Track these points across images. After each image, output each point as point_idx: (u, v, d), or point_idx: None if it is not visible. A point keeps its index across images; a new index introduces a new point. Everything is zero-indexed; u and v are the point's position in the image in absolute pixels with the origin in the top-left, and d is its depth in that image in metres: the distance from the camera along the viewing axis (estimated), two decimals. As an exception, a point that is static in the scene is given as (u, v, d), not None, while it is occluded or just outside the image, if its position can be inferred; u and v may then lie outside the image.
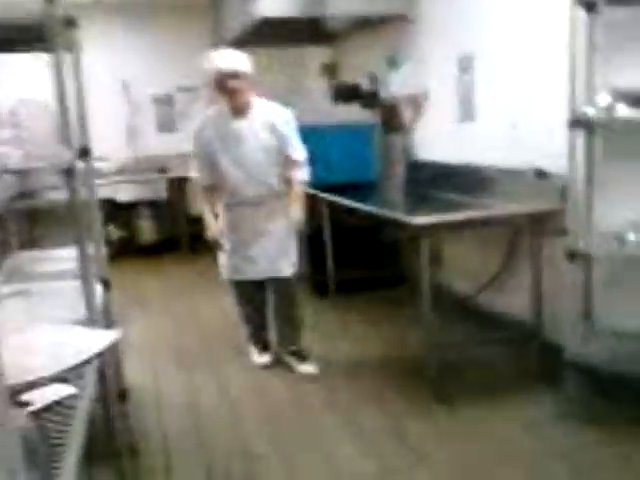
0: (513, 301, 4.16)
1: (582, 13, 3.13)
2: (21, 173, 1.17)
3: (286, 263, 4.00)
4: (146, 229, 7.89)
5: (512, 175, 3.96)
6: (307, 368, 4.04)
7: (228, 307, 4.46)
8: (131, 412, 3.35)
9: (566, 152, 3.16)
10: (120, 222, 7.50)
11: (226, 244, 4.02)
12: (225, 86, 3.73)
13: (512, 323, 4.16)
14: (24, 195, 4.07)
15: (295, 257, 4.05)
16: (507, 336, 4.14)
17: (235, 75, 3.71)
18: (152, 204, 7.83)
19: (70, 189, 1.96)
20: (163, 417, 3.53)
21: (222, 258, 4.09)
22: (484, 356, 3.99)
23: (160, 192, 7.74)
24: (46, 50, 2.39)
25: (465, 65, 4.54)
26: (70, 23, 2.84)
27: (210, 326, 5.02)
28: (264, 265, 3.98)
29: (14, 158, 1.33)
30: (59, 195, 3.44)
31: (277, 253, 3.98)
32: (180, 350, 4.56)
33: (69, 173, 1.91)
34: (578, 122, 3.07)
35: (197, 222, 8.02)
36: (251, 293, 4.17)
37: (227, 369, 4.14)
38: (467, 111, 4.57)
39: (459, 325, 4.41)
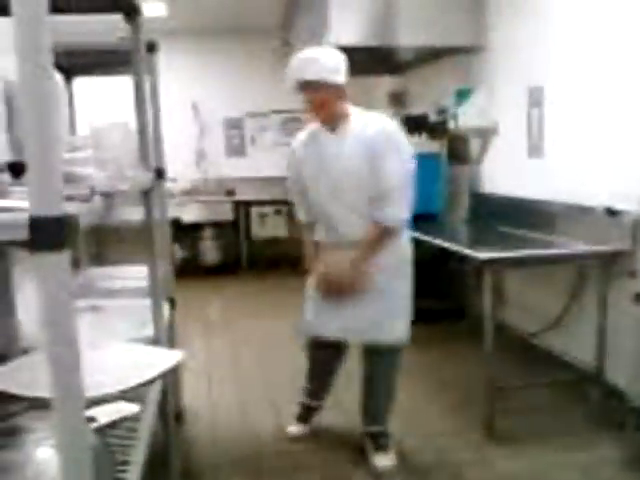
0: (576, 343, 4.07)
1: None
2: (106, 195, 1.21)
3: (391, 325, 3.16)
4: (209, 250, 8.02)
5: (581, 212, 3.89)
6: (384, 461, 3.20)
7: (285, 328, 4.44)
8: (186, 434, 3.38)
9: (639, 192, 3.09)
10: (184, 242, 7.64)
11: (312, 291, 3.28)
12: (306, 97, 3.06)
13: (574, 365, 4.06)
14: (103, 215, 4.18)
15: (406, 319, 3.22)
16: (569, 378, 4.05)
17: (307, 85, 3.01)
18: (216, 225, 7.97)
19: (146, 209, 2.02)
20: (217, 441, 3.54)
21: (306, 306, 3.33)
22: (544, 398, 3.89)
23: (225, 214, 7.88)
24: (129, 73, 2.48)
25: (535, 98, 4.50)
26: (152, 48, 2.95)
27: (267, 347, 5.05)
28: (360, 325, 3.12)
29: (100, 180, 1.37)
30: (131, 214, 3.55)
31: (381, 311, 3.12)
32: (237, 373, 4.58)
33: (147, 194, 1.97)
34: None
35: (258, 245, 8.29)
36: (330, 355, 3.47)
37: (281, 392, 4.14)
38: (536, 145, 4.52)
39: (520, 364, 4.31)
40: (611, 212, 3.61)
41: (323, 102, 3.00)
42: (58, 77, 2.70)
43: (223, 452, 3.39)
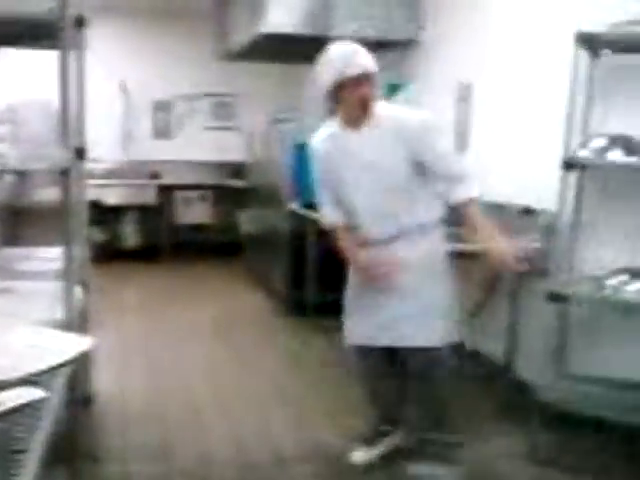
0: (488, 337, 4.18)
1: (585, 56, 3.17)
2: (19, 174, 1.16)
3: (433, 329, 2.88)
4: (130, 234, 7.85)
5: (498, 209, 3.97)
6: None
7: (203, 317, 4.37)
8: (95, 418, 3.31)
9: (555, 191, 3.18)
10: (105, 225, 7.47)
11: (351, 300, 3.11)
12: (352, 93, 2.78)
13: (485, 359, 4.17)
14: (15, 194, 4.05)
15: (450, 321, 2.96)
16: (478, 371, 4.16)
17: (367, 78, 2.80)
18: (139, 209, 7.81)
19: (64, 190, 1.96)
20: (127, 426, 3.47)
21: (346, 317, 3.12)
22: (452, 389, 3.98)
23: (149, 198, 7.73)
24: (54, 48, 2.39)
25: (464, 94, 4.58)
26: (80, 23, 2.84)
27: (183, 336, 5.00)
28: (401, 330, 2.88)
29: (12, 158, 1.33)
30: (47, 194, 3.45)
31: (421, 314, 2.86)
32: (151, 360, 4.51)
33: (64, 174, 1.91)
34: (571, 163, 3.10)
35: (181, 231, 8.18)
36: (381, 366, 3.13)
37: (194, 380, 4.10)
38: (461, 140, 4.61)
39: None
40: (526, 211, 3.71)
41: (373, 97, 2.81)
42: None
43: (132, 437, 3.32)
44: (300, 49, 6.15)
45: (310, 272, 5.37)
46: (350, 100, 2.77)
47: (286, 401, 3.85)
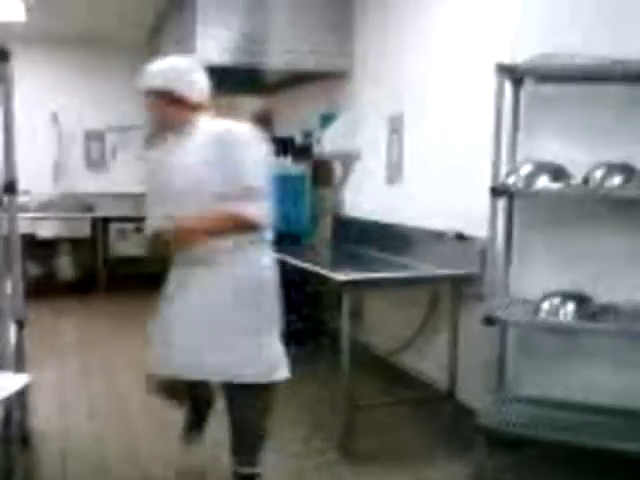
0: (430, 362, 4.23)
1: (508, 85, 3.28)
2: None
3: (238, 363, 2.81)
4: (65, 267, 7.71)
5: (435, 237, 4.06)
6: None
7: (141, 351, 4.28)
8: (33, 457, 3.21)
9: (487, 217, 3.26)
10: (39, 259, 7.30)
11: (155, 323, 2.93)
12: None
13: (428, 384, 4.22)
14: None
15: (259, 357, 2.89)
16: (421, 396, 4.20)
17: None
18: (73, 242, 7.66)
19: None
20: (66, 465, 3.38)
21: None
22: (399, 416, 4.01)
23: (83, 230, 7.59)
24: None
25: (395, 125, 4.66)
26: (3, 57, 2.80)
27: (122, 371, 4.90)
28: (207, 360, 2.78)
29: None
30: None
31: (228, 345, 2.80)
32: (90, 397, 4.41)
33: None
34: (500, 190, 3.19)
35: (116, 263, 8.03)
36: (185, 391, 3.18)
37: (137, 422, 4.02)
38: (395, 171, 4.69)
39: (377, 383, 4.43)
40: (461, 237, 3.80)
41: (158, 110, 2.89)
42: None
43: (71, 477, 3.24)
44: (231, 81, 6.18)
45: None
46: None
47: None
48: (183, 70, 2.89)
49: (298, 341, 5.47)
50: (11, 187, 2.49)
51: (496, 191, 3.19)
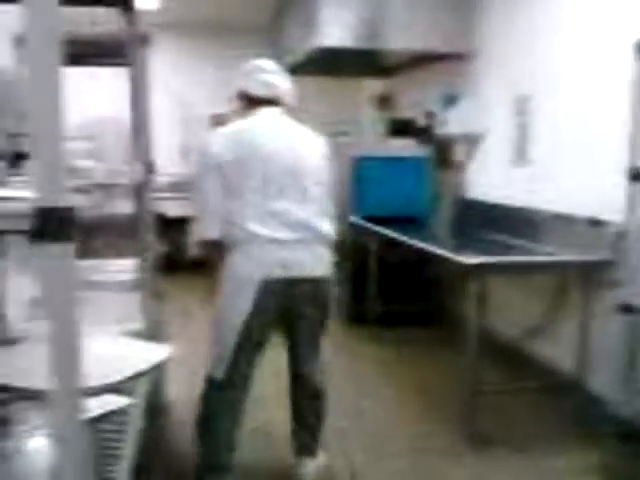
0: (558, 349, 4.11)
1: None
2: (105, 187, 1.20)
3: None
4: (191, 246, 8.00)
5: (565, 221, 3.93)
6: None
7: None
8: (171, 427, 3.37)
9: (623, 202, 3.13)
10: (168, 237, 7.60)
11: None
12: None
13: (554, 371, 4.11)
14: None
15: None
16: (547, 383, 4.09)
17: None
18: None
19: (139, 203, 2.01)
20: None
21: None
22: (521, 401, 3.93)
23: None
24: (121, 65, 2.47)
25: (521, 106, 4.54)
26: (144, 40, 2.93)
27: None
28: None
29: (99, 172, 1.37)
30: (118, 207, 3.54)
31: None
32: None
33: (139, 188, 1.96)
34: (638, 175, 3.05)
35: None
36: None
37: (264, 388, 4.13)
38: (521, 153, 4.56)
39: (500, 369, 4.35)
40: (594, 222, 3.65)
41: None
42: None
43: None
44: (353, 63, 6.20)
45: (372, 283, 5.38)
46: None
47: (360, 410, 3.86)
48: None
49: (419, 324, 5.47)
50: (150, 167, 2.60)
51: (634, 175, 3.05)
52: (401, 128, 6.02)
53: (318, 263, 2.75)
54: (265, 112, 2.85)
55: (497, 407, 3.80)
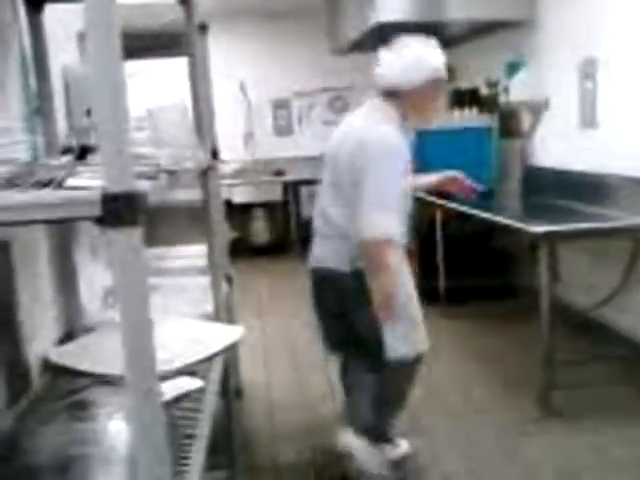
0: (633, 317, 4.00)
1: None
2: (171, 173, 1.22)
3: None
4: (260, 231, 8.09)
5: (636, 185, 3.80)
6: None
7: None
8: (244, 409, 3.43)
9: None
10: (235, 223, 7.70)
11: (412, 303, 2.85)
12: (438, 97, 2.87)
13: (631, 340, 4.00)
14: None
15: None
16: (625, 353, 3.99)
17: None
18: (266, 206, 8.01)
19: (204, 189, 2.04)
20: (274, 416, 3.59)
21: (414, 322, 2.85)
22: (600, 372, 3.84)
23: (275, 195, 7.91)
24: (180, 55, 2.51)
25: (588, 70, 4.40)
26: (203, 29, 2.96)
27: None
28: None
29: (164, 158, 1.40)
30: (183, 194, 3.60)
31: None
32: (292, 349, 4.62)
33: (205, 174, 1.99)
34: None
35: (308, 225, 8.25)
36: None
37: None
38: (589, 118, 4.43)
39: (575, 339, 4.27)
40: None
41: None
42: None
43: (280, 427, 3.43)
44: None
45: (440, 258, 5.33)
46: (434, 106, 2.82)
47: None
48: None
49: (489, 297, 5.39)
50: (215, 153, 2.64)
51: None
52: (464, 99, 5.91)
53: (332, 255, 2.75)
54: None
55: (575, 378, 3.72)
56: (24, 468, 1.46)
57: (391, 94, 2.73)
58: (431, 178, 3.15)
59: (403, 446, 3.06)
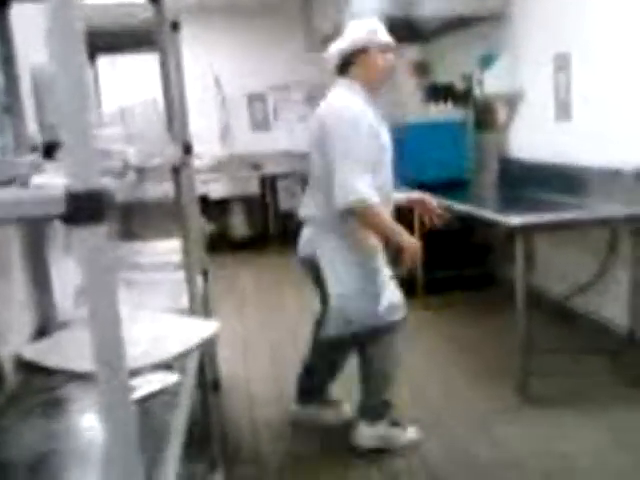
0: (609, 305, 4.05)
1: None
2: (139, 170, 1.22)
3: None
4: (238, 225, 8.08)
5: (611, 175, 3.85)
6: None
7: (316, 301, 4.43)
8: (223, 403, 3.43)
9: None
10: (212, 218, 7.69)
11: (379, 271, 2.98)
12: (388, 63, 2.97)
13: (606, 328, 4.05)
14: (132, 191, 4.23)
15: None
16: (600, 341, 4.04)
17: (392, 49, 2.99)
18: (244, 200, 8.00)
19: (177, 185, 2.04)
20: (253, 409, 3.59)
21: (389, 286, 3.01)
22: (575, 360, 3.89)
23: (252, 188, 7.90)
24: (151, 51, 2.50)
25: (561, 63, 4.44)
26: (175, 27, 2.96)
27: (300, 320, 5.08)
28: None
29: (132, 155, 1.40)
30: (157, 190, 3.59)
31: None
32: (271, 343, 4.63)
33: (176, 170, 1.99)
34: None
35: (286, 218, 8.30)
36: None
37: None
38: (563, 110, 4.47)
39: (551, 328, 4.32)
40: (641, 175, 3.57)
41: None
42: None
43: (259, 421, 3.44)
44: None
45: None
46: (381, 67, 2.92)
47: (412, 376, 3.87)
48: None
49: (467, 287, 5.43)
50: (187, 149, 2.63)
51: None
52: (439, 93, 5.94)
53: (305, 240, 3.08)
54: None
55: (552, 366, 3.77)
56: (-3, 465, 1.46)
57: (343, 69, 2.94)
58: (402, 197, 3.23)
59: (411, 432, 3.14)
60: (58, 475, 1.42)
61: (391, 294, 2.97)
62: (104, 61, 3.64)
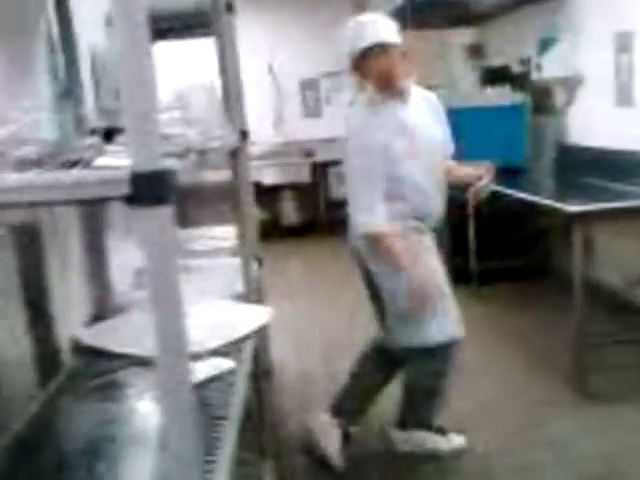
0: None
1: None
2: (200, 152, 1.21)
3: None
4: (289, 212, 8.08)
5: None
6: None
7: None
8: (274, 389, 3.43)
9: None
10: (265, 204, 7.70)
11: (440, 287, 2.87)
12: (373, 65, 2.76)
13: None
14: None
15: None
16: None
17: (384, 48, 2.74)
18: (295, 187, 8.00)
19: (234, 169, 2.02)
20: (304, 396, 3.59)
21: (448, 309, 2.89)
22: (634, 353, 3.78)
23: (303, 176, 7.89)
24: (207, 35, 2.48)
25: (624, 44, 4.29)
26: (229, 8, 2.93)
27: (349, 307, 5.05)
28: None
29: (193, 137, 1.38)
30: (213, 175, 3.59)
31: None
32: (322, 329, 4.62)
33: (234, 154, 1.97)
34: None
35: (337, 206, 8.26)
36: None
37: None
38: (626, 94, 4.33)
39: (609, 320, 4.20)
40: None
41: (399, 65, 2.79)
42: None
43: (310, 410, 3.42)
44: (442, 14, 6.02)
45: (471, 239, 5.27)
46: (375, 71, 2.77)
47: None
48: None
49: (523, 278, 5.33)
50: (244, 134, 2.61)
51: None
52: (495, 76, 5.82)
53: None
54: None
55: (609, 360, 3.67)
56: (55, 448, 1.46)
57: (354, 71, 2.88)
58: (469, 171, 3.18)
59: (456, 440, 3.03)
60: (114, 459, 1.42)
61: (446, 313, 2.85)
62: (161, 45, 3.65)
